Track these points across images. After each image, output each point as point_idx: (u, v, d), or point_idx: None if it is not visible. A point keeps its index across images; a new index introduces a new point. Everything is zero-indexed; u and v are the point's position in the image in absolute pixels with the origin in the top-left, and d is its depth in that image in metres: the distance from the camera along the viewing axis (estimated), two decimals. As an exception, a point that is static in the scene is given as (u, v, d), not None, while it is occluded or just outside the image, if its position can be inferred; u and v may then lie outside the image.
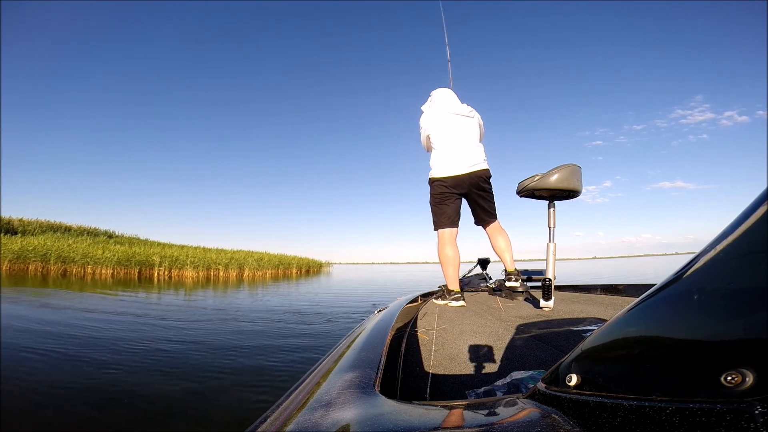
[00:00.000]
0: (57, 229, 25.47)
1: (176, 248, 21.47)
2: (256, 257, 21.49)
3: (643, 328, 0.28)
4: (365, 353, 0.68)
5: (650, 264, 35.21)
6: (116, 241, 23.96)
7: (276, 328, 4.45)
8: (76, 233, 25.48)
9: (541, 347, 0.99)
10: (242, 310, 6.03)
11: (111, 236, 27.70)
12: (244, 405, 2.07)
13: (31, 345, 3.17)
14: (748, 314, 0.21)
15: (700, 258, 0.26)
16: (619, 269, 24.17)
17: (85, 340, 3.49)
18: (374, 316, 1.35)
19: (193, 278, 16.63)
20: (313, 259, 30.69)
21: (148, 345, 3.38)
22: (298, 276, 21.29)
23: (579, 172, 1.55)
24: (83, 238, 22.18)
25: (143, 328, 4.19)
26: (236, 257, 20.36)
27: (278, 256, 24.67)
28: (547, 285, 1.48)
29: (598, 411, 0.28)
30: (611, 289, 1.99)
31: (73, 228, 27.61)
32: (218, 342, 3.60)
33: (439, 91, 2.16)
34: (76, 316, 4.89)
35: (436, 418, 0.37)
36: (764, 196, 0.23)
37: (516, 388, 0.65)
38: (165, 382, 2.40)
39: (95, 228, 29.60)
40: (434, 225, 2.01)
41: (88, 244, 18.88)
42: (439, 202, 1.98)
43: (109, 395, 2.14)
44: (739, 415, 0.20)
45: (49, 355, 2.91)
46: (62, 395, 2.11)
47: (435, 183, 2.00)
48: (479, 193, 2.01)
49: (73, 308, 5.68)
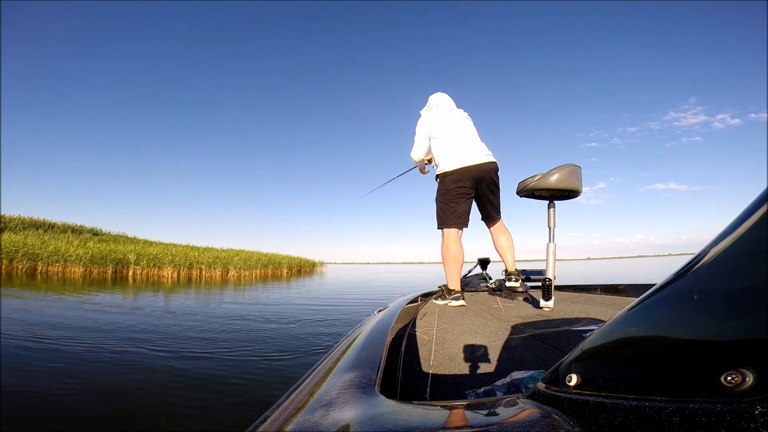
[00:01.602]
0: (40, 226, 24.15)
1: (160, 246, 20.38)
2: (242, 256, 20.33)
3: (643, 328, 0.28)
4: (365, 353, 0.68)
5: (644, 265, 34.70)
6: (101, 238, 22.76)
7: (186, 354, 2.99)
8: (59, 230, 24.26)
9: (541, 347, 0.99)
10: (169, 323, 4.51)
11: (96, 233, 26.53)
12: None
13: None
14: (748, 314, 0.21)
15: (700, 258, 0.27)
16: (614, 270, 24.04)
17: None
18: (374, 316, 1.35)
19: (173, 278, 15.60)
20: (306, 258, 29.84)
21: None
22: (289, 276, 20.23)
23: (579, 172, 1.55)
24: (65, 235, 20.91)
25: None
26: (221, 256, 19.37)
27: (268, 255, 23.59)
28: (547, 285, 1.48)
29: (598, 411, 0.28)
30: (611, 289, 1.99)
31: (58, 225, 26.33)
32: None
33: (437, 95, 2.18)
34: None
35: (436, 418, 0.37)
36: (764, 196, 0.23)
37: (516, 388, 0.65)
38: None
39: (81, 225, 28.32)
40: (440, 223, 1.96)
41: (64, 241, 17.61)
42: (450, 200, 1.90)
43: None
44: (739, 415, 0.20)
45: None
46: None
47: (446, 177, 1.93)
48: (491, 188, 1.97)
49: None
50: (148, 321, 4.59)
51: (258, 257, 21.74)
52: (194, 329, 4.13)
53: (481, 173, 1.90)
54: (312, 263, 30.72)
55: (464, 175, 1.89)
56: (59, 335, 3.53)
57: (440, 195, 1.96)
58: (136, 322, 4.47)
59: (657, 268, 20.19)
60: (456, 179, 1.90)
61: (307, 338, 3.75)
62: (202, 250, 20.58)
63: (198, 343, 3.47)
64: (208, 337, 3.76)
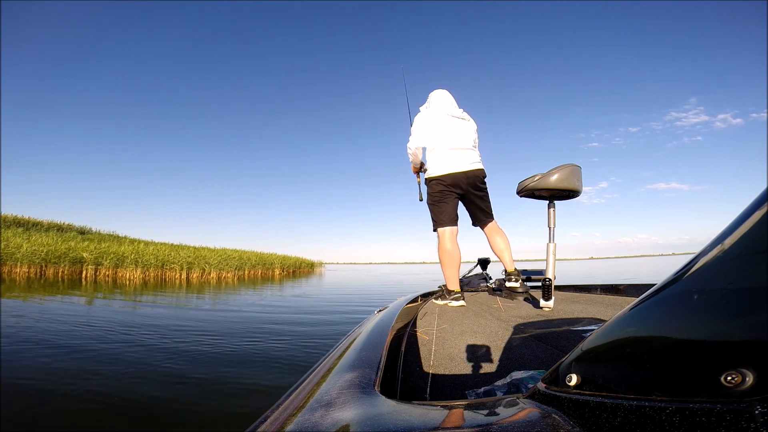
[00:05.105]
0: (22, 224, 23.07)
1: (137, 245, 18.11)
2: (223, 255, 17.89)
3: (643, 328, 0.28)
4: (365, 353, 0.68)
5: (648, 264, 34.02)
6: (86, 237, 21.19)
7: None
8: (44, 228, 23.00)
9: (541, 347, 0.99)
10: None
11: (83, 232, 25.23)
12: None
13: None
14: (748, 314, 0.21)
15: (700, 258, 0.27)
16: (617, 269, 23.76)
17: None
18: (374, 316, 1.35)
19: (138, 279, 14.43)
20: (303, 258, 27.80)
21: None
22: (282, 278, 18.52)
23: (579, 172, 1.55)
24: (50, 233, 19.46)
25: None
26: (201, 255, 17.18)
27: (257, 254, 21.46)
28: (547, 285, 1.48)
29: (598, 411, 0.28)
30: (611, 289, 1.99)
31: (43, 223, 25.13)
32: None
33: (437, 92, 2.16)
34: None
35: (436, 418, 0.37)
36: (764, 196, 0.23)
37: (516, 388, 0.65)
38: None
39: (69, 224, 27.05)
40: (434, 224, 2.00)
41: (23, 239, 15.58)
42: (438, 201, 1.97)
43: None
44: (739, 415, 0.20)
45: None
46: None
47: (433, 182, 2.00)
48: (476, 193, 2.02)
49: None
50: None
51: (248, 257, 19.74)
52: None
53: (467, 179, 1.97)
54: (310, 263, 29.20)
55: (449, 181, 1.96)
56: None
57: (430, 198, 2.03)
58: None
59: (661, 268, 20.01)
60: (441, 183, 1.97)
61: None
62: (179, 248, 18.56)
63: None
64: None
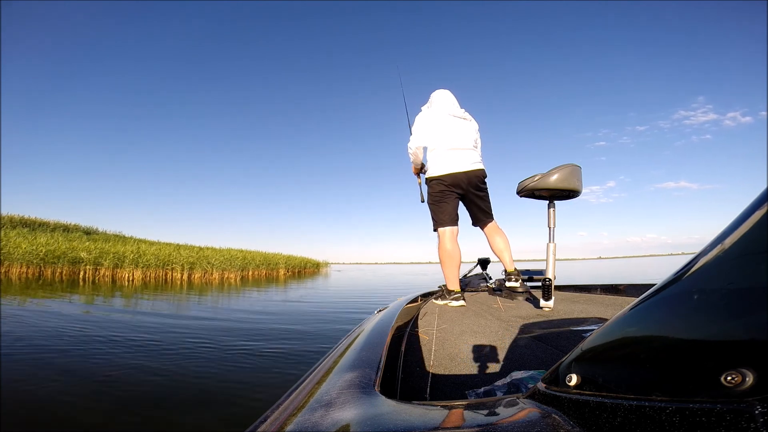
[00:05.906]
0: (29, 225, 23.18)
1: (141, 245, 17.94)
2: (226, 256, 17.73)
3: (643, 328, 0.28)
4: (365, 353, 0.68)
5: (656, 264, 33.41)
6: (91, 238, 21.20)
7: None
8: (50, 229, 23.14)
9: (541, 347, 0.99)
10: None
11: (89, 233, 25.34)
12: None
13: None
14: (748, 314, 0.21)
15: (700, 258, 0.26)
16: (626, 269, 23.37)
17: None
18: (374, 316, 1.35)
19: (138, 280, 14.24)
20: (309, 258, 28.09)
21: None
22: (286, 278, 18.31)
23: (579, 172, 1.55)
24: (55, 233, 19.41)
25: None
26: (203, 255, 17.04)
27: (262, 254, 21.49)
28: (547, 285, 1.48)
29: (598, 411, 0.28)
30: (611, 289, 1.99)
31: (49, 224, 25.28)
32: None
33: (439, 92, 2.16)
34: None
35: (436, 418, 0.37)
36: (764, 196, 0.23)
37: (516, 388, 0.65)
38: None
39: (75, 224, 27.24)
40: (434, 224, 2.01)
41: (26, 239, 15.45)
42: (438, 201, 1.98)
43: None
44: (739, 415, 0.20)
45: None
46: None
47: (433, 182, 2.00)
48: (476, 193, 2.02)
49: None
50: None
51: (252, 257, 19.68)
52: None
53: (467, 179, 1.97)
54: (315, 264, 29.11)
55: (450, 181, 1.96)
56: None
57: (430, 197, 2.03)
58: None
59: (669, 268, 19.69)
60: (442, 183, 1.97)
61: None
62: (181, 249, 18.51)
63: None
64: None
